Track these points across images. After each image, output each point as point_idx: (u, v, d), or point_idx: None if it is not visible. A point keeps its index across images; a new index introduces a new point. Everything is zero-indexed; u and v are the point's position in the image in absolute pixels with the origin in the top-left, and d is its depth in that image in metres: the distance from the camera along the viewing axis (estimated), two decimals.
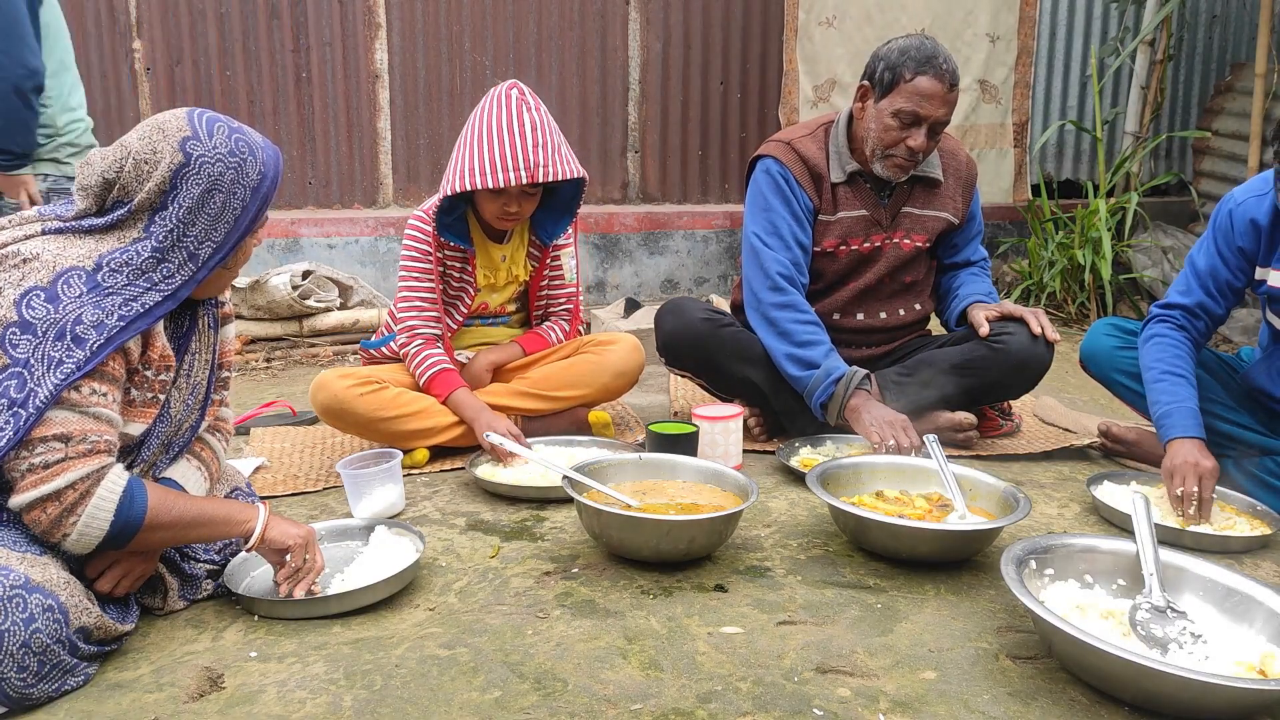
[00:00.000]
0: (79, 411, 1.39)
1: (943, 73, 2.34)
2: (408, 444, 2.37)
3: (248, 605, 1.63)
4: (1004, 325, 2.47)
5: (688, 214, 5.22)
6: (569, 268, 2.66)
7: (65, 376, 1.36)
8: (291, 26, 4.80)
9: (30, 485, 1.36)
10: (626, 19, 5.19)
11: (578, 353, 2.61)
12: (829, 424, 2.44)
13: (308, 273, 4.01)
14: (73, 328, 1.37)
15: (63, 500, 1.37)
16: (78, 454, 1.38)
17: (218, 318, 1.71)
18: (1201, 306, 2.23)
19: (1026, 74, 5.35)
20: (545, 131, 2.31)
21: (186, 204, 1.45)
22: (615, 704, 1.34)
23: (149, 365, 1.52)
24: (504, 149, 2.27)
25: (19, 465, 1.37)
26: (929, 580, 1.76)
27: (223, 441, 1.79)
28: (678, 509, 1.90)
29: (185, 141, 1.45)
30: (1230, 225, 2.15)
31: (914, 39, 2.41)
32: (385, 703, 1.35)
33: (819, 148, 2.55)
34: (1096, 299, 4.63)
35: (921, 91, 2.34)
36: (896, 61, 2.37)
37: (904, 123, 2.38)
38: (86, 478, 1.38)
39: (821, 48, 5.21)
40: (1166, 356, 2.18)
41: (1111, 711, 1.34)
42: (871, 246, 2.56)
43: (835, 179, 2.53)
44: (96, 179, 1.46)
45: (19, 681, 1.30)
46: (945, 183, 2.60)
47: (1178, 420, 2.08)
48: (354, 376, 2.35)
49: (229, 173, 1.47)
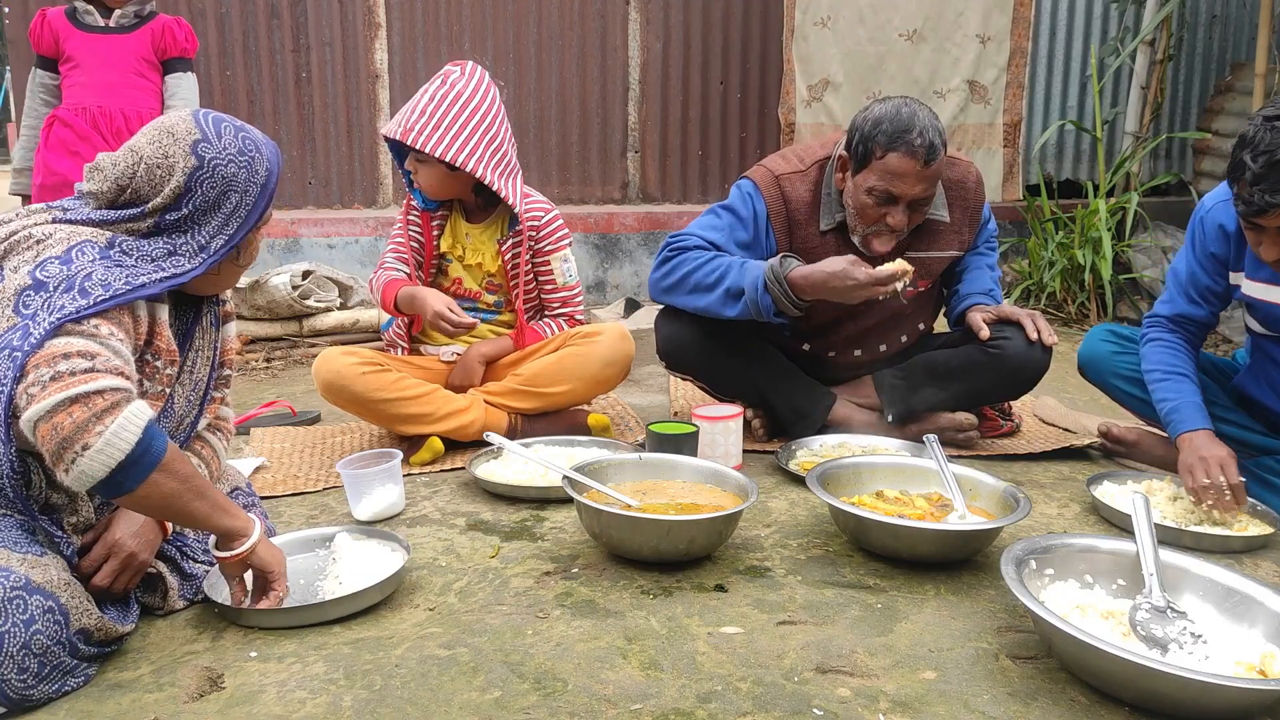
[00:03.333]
0: (99, 341, 1.35)
1: (916, 149, 2.17)
2: (404, 427, 2.40)
3: (231, 616, 1.59)
4: (1001, 329, 2.42)
5: (688, 214, 5.22)
6: (560, 270, 2.65)
7: (65, 315, 1.33)
8: (291, 26, 4.80)
9: (56, 389, 1.27)
10: (626, 19, 5.19)
11: (564, 346, 2.59)
12: (790, 316, 2.28)
13: (308, 273, 4.01)
14: (82, 282, 1.37)
15: (92, 405, 1.28)
16: (106, 369, 1.32)
17: (219, 316, 1.73)
18: (1185, 314, 2.24)
19: (1020, 74, 5.36)
20: (441, 104, 2.43)
21: (201, 205, 1.50)
22: (615, 704, 1.34)
23: (157, 355, 1.53)
24: (406, 107, 2.47)
25: (41, 378, 1.28)
26: (929, 580, 1.76)
27: (223, 441, 1.80)
28: (678, 509, 1.90)
29: (197, 145, 1.48)
30: (1203, 231, 2.17)
31: (891, 105, 2.24)
32: (385, 703, 1.35)
33: (809, 189, 2.40)
34: (1096, 299, 4.63)
35: (893, 170, 2.20)
36: (869, 134, 2.22)
37: (879, 200, 2.25)
38: (118, 390, 1.31)
39: (816, 48, 5.22)
40: (1166, 357, 2.20)
41: (1111, 711, 1.34)
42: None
43: (825, 226, 2.39)
44: (110, 185, 1.49)
45: (19, 683, 1.30)
46: (951, 219, 2.47)
47: (1185, 415, 2.09)
48: (358, 355, 2.40)
49: (241, 172, 1.52)
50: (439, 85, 2.45)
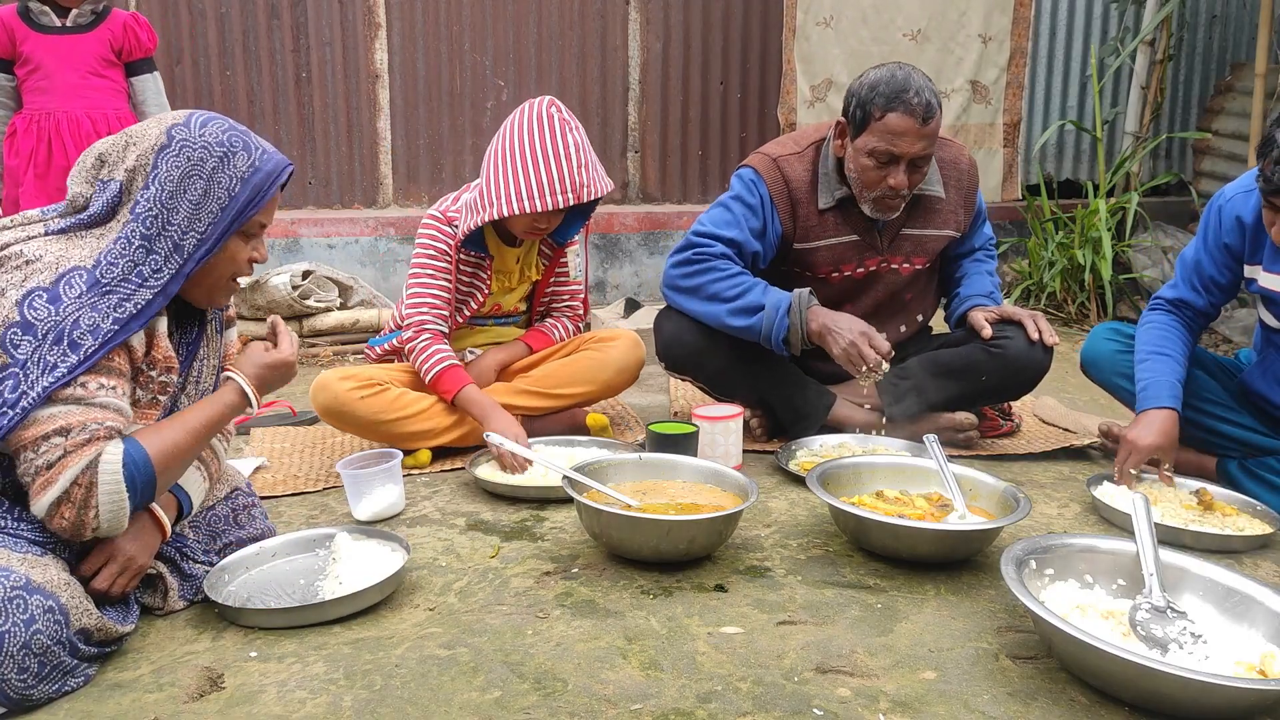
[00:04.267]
0: (83, 405, 1.40)
1: (913, 107, 2.22)
2: (408, 445, 2.37)
3: (231, 616, 1.60)
4: (1002, 329, 2.44)
5: (688, 214, 5.22)
6: (574, 265, 2.68)
7: (56, 380, 1.37)
8: (291, 26, 4.80)
9: (40, 489, 1.38)
10: (626, 19, 5.19)
11: (579, 350, 2.61)
12: (795, 356, 2.37)
13: (308, 273, 4.01)
14: (70, 332, 1.38)
15: (73, 499, 1.38)
16: (75, 446, 1.38)
17: (224, 321, 1.73)
18: (1185, 300, 2.26)
19: (1020, 74, 5.36)
20: (586, 151, 2.33)
21: (167, 186, 1.46)
22: (615, 704, 1.35)
23: (153, 365, 1.53)
24: (549, 172, 2.28)
25: (28, 469, 1.38)
26: (929, 580, 1.76)
27: (223, 442, 1.79)
28: (678, 509, 1.90)
29: (172, 127, 1.48)
30: (1218, 221, 2.17)
31: (886, 70, 2.29)
32: (385, 703, 1.35)
33: (806, 169, 2.45)
34: (1096, 299, 4.63)
35: (892, 129, 2.24)
36: (866, 98, 2.27)
37: (880, 162, 2.29)
38: (86, 469, 1.38)
39: (818, 48, 5.22)
40: (1154, 338, 2.22)
41: (1111, 711, 1.34)
42: (866, 271, 2.51)
43: (823, 204, 2.44)
44: (93, 157, 1.50)
45: (19, 683, 1.30)
46: (947, 197, 2.53)
47: (1152, 393, 2.13)
48: (355, 378, 2.34)
49: (211, 160, 1.48)
50: (570, 133, 2.32)
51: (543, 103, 2.35)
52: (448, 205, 2.46)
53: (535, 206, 2.28)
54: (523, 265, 2.59)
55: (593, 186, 2.33)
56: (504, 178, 2.31)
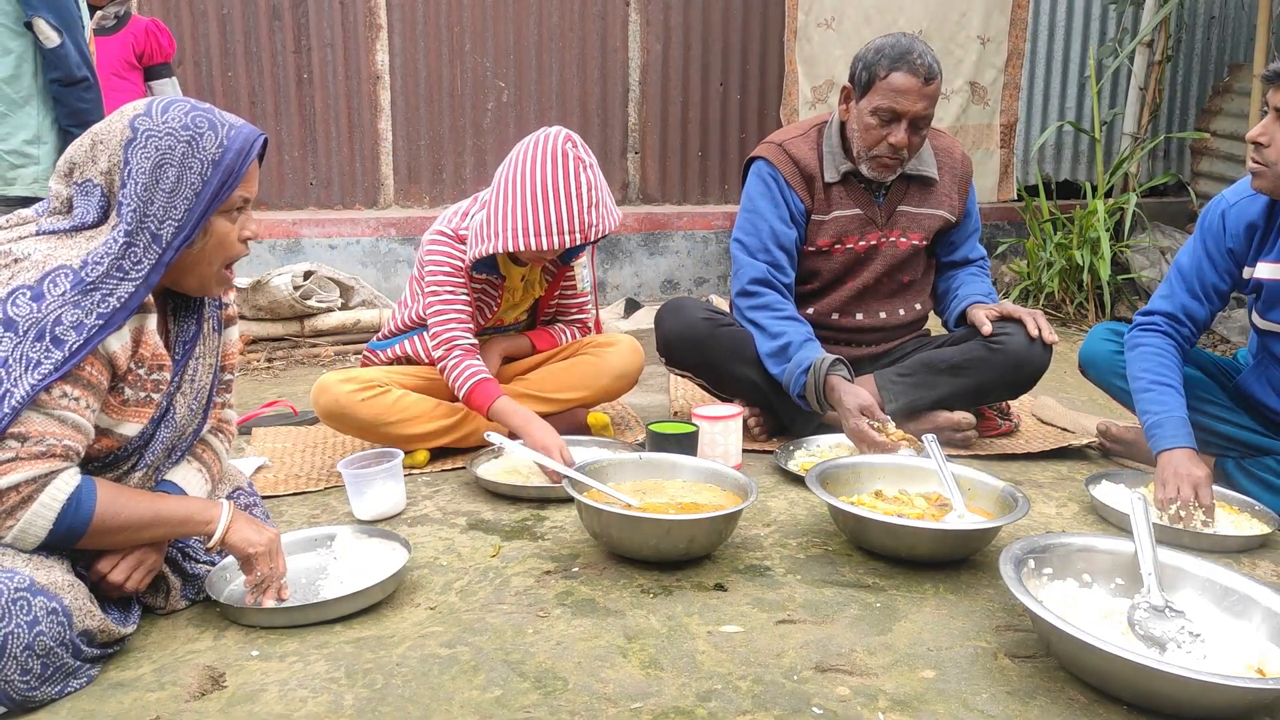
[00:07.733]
0: (44, 413, 1.38)
1: (917, 67, 2.35)
2: (409, 446, 2.38)
3: (233, 615, 1.60)
4: (1002, 326, 2.48)
5: (688, 214, 5.23)
6: (582, 276, 2.69)
7: (42, 378, 1.36)
8: (293, 27, 4.81)
9: None
10: (626, 20, 5.20)
11: (578, 354, 2.62)
12: (817, 413, 2.44)
13: (309, 273, 4.02)
14: (53, 328, 1.37)
15: (4, 501, 1.35)
16: (29, 455, 1.36)
17: (222, 320, 1.72)
18: (1185, 310, 2.20)
19: (1016, 76, 5.38)
20: (598, 190, 2.32)
21: (141, 179, 1.44)
22: (615, 702, 1.35)
23: (142, 364, 1.51)
24: (559, 212, 2.25)
25: None
26: (928, 579, 1.77)
27: (225, 442, 1.80)
28: (678, 508, 1.91)
29: (135, 119, 1.46)
30: (1222, 227, 2.15)
31: (891, 37, 2.42)
32: (386, 701, 1.36)
33: (811, 148, 2.57)
34: (1095, 299, 4.63)
35: (896, 87, 2.36)
36: (872, 60, 2.40)
37: (883, 120, 2.40)
38: (32, 481, 1.36)
39: (820, 49, 5.23)
40: (1153, 366, 2.16)
41: (1110, 711, 1.35)
42: (867, 245, 2.58)
43: (829, 179, 2.55)
44: (64, 163, 1.49)
45: (22, 684, 1.30)
46: (941, 180, 2.62)
47: (1168, 430, 2.05)
48: (355, 380, 2.34)
49: (180, 146, 1.46)
50: (583, 171, 2.28)
51: (559, 137, 2.29)
52: (456, 223, 2.41)
53: (542, 245, 2.26)
54: (527, 282, 2.60)
55: (601, 225, 2.32)
56: (512, 211, 2.27)
